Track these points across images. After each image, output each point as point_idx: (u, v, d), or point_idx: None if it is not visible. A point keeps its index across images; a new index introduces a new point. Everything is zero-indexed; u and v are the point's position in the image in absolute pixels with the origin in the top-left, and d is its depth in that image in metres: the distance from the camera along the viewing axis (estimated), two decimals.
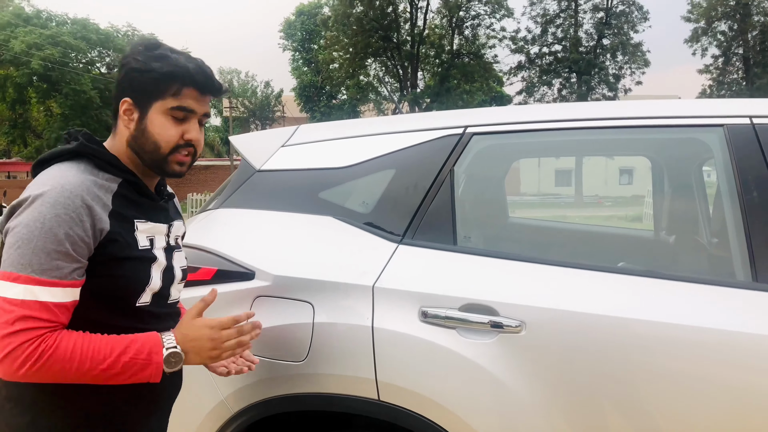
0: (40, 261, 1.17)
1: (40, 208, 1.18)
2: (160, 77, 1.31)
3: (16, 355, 1.14)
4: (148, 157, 1.35)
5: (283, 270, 1.79)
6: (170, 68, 1.31)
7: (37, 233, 1.17)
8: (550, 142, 2.12)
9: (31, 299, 1.16)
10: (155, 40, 1.40)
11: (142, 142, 1.33)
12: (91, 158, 1.31)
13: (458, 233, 1.82)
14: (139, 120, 1.33)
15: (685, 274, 1.71)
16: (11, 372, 1.15)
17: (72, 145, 1.31)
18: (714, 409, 1.51)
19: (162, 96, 1.32)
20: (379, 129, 2.01)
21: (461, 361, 1.62)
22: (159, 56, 1.32)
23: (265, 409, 1.77)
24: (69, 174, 1.25)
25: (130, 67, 1.32)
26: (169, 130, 1.33)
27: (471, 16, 33.94)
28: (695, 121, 1.80)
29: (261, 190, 1.98)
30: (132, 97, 1.33)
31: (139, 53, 1.33)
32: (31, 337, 1.15)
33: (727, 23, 32.75)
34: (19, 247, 1.16)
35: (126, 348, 1.23)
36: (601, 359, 1.57)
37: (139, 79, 1.32)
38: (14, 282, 1.16)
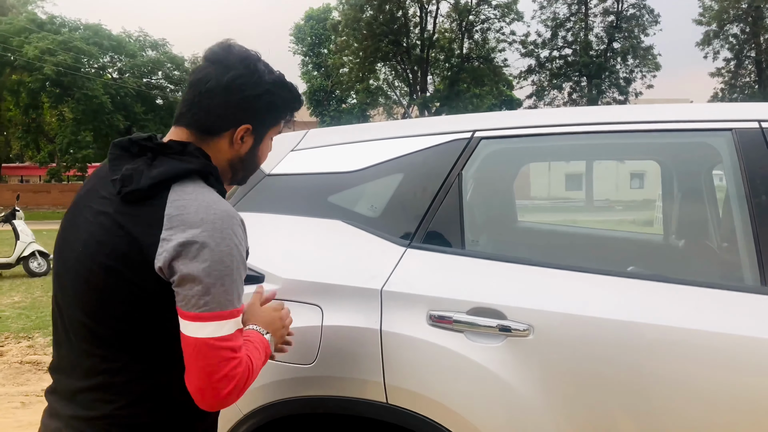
0: (239, 291, 1.19)
1: (225, 240, 1.16)
2: (285, 107, 1.37)
3: (243, 378, 1.17)
4: (245, 174, 1.42)
5: (292, 273, 1.80)
6: (295, 101, 1.38)
7: (236, 264, 1.17)
8: (558, 147, 2.12)
9: (238, 329, 1.19)
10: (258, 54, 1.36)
11: (249, 163, 1.38)
12: (207, 176, 1.25)
13: (466, 237, 1.82)
14: (253, 145, 1.36)
15: (694, 279, 1.70)
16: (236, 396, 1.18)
17: (194, 164, 1.23)
18: (724, 414, 1.51)
19: (278, 122, 1.39)
20: (388, 133, 2.02)
21: (469, 364, 1.62)
22: (284, 86, 1.35)
23: (274, 412, 1.78)
24: (215, 197, 1.22)
25: (268, 101, 1.31)
26: (269, 151, 1.43)
27: (481, 20, 34.00)
28: (704, 126, 1.79)
29: (270, 194, 2.00)
30: (254, 123, 1.32)
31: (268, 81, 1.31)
32: (246, 362, 1.19)
33: (739, 26, 32.57)
34: (222, 284, 1.14)
35: (256, 349, 1.28)
36: (609, 363, 1.57)
37: (271, 110, 1.34)
38: (227, 319, 1.15)
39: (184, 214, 1.15)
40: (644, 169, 29.87)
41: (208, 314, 1.13)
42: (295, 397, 1.75)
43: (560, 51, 33.78)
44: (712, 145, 1.90)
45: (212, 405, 1.17)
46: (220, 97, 1.27)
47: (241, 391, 1.18)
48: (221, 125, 1.29)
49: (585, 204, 24.88)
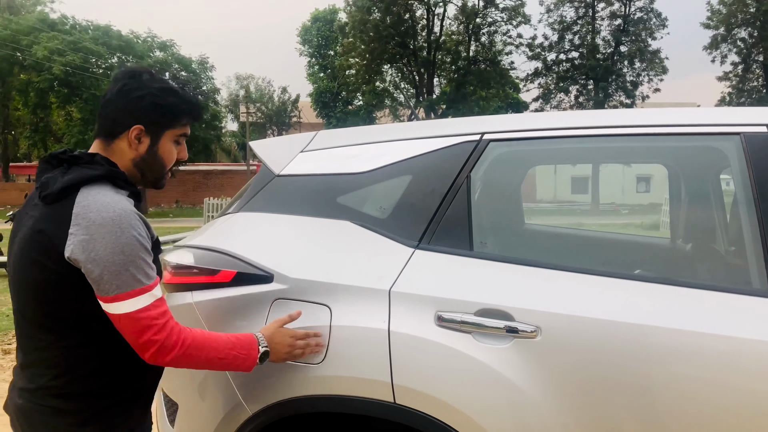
0: (145, 272, 1.41)
1: (125, 233, 1.38)
2: (174, 111, 1.54)
3: (168, 344, 1.40)
4: (152, 175, 1.59)
5: (302, 273, 1.82)
6: (183, 104, 1.55)
7: (136, 252, 1.39)
8: (566, 149, 2.12)
9: (155, 300, 1.41)
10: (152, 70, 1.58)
11: (151, 163, 1.56)
12: (113, 180, 1.47)
13: (474, 239, 1.83)
14: (150, 145, 1.54)
15: (702, 282, 1.71)
16: (163, 358, 1.41)
17: (99, 170, 1.45)
18: (730, 418, 1.51)
19: (173, 126, 1.56)
20: (397, 135, 2.03)
21: (477, 365, 1.63)
22: (172, 90, 1.53)
23: (282, 411, 1.79)
24: (116, 197, 1.43)
25: (150, 101, 1.50)
26: (173, 153, 1.60)
27: (488, 23, 33.96)
28: (712, 129, 1.80)
29: (280, 194, 2.01)
30: (145, 124, 1.51)
31: (153, 86, 1.51)
32: (170, 327, 1.42)
33: (747, 30, 32.46)
34: (127, 270, 1.37)
35: (234, 344, 1.54)
36: (616, 366, 1.58)
37: (156, 111, 1.51)
38: (139, 296, 1.38)
39: (87, 213, 1.37)
40: (651, 173, 29.80)
41: (121, 295, 1.37)
42: (303, 396, 1.76)
43: (567, 54, 33.71)
44: (721, 149, 1.91)
45: (147, 361, 1.42)
46: (113, 103, 1.51)
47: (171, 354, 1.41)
48: (117, 128, 1.51)
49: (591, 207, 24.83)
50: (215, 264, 1.89)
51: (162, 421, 2.14)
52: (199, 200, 33.30)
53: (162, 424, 2.13)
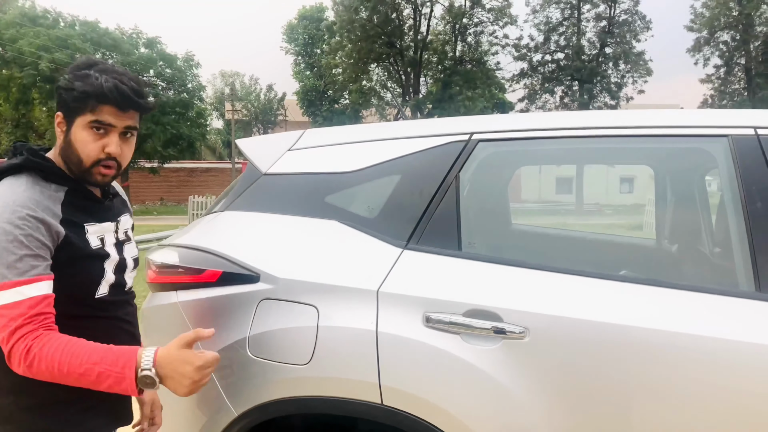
0: (16, 267, 1.32)
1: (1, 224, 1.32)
2: (78, 95, 1.43)
3: (14, 352, 1.30)
4: (74, 167, 1.48)
5: (288, 273, 1.80)
6: (86, 87, 1.42)
7: (6, 244, 1.31)
8: (555, 150, 2.12)
9: (22, 299, 1.31)
10: (91, 59, 1.50)
11: (68, 153, 1.47)
12: (37, 171, 1.43)
13: (463, 239, 1.82)
14: (65, 133, 1.47)
15: (688, 283, 1.71)
16: (14, 367, 1.32)
17: (18, 159, 1.42)
18: (716, 418, 1.52)
19: (82, 112, 1.44)
20: (386, 134, 2.02)
21: (465, 366, 1.63)
22: (82, 76, 1.44)
23: (268, 412, 1.77)
24: (18, 189, 1.38)
25: (58, 85, 1.46)
26: (89, 143, 1.45)
27: (474, 23, 34.04)
28: (700, 131, 1.81)
29: (267, 193, 1.99)
30: (62, 111, 1.46)
31: (68, 72, 1.46)
32: (21, 335, 1.30)
33: (730, 33, 32.82)
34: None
35: (101, 358, 1.33)
36: (604, 367, 1.58)
37: (64, 96, 1.45)
38: (2, 290, 1.30)
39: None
40: (634, 174, 30.02)
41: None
42: (289, 398, 1.74)
43: (553, 55, 33.88)
44: (708, 151, 1.92)
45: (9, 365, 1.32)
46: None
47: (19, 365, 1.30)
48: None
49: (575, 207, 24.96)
50: (201, 263, 1.87)
51: None
52: (183, 198, 33.06)
53: None
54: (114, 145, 1.47)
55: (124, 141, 1.50)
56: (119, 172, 1.52)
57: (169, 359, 1.37)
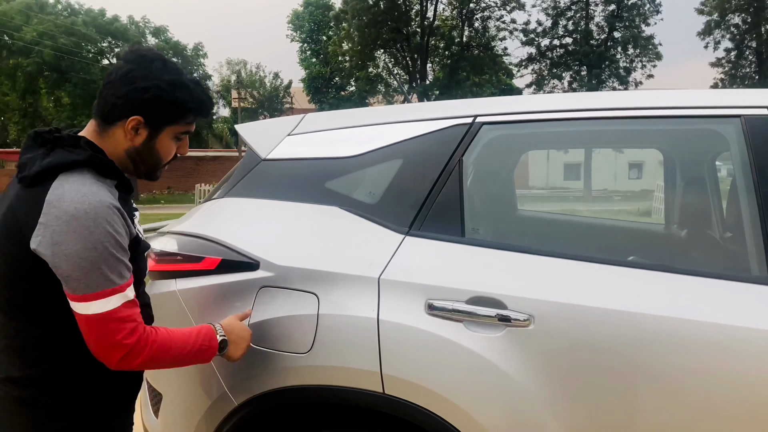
0: (119, 271, 1.32)
1: (98, 228, 1.28)
2: (180, 107, 1.42)
3: (138, 348, 1.33)
4: (146, 168, 1.48)
5: (288, 260, 1.76)
6: (193, 103, 1.43)
7: (110, 249, 1.29)
8: (562, 133, 2.07)
9: (126, 301, 1.33)
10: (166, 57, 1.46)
11: (146, 156, 1.45)
12: (98, 167, 1.37)
13: (466, 225, 1.78)
14: (148, 138, 1.43)
15: (698, 269, 1.67)
16: (131, 362, 1.33)
17: (81, 155, 1.35)
18: (727, 407, 1.48)
19: (175, 122, 1.44)
20: (387, 118, 1.97)
21: (468, 354, 1.59)
22: (182, 85, 1.41)
23: (268, 401, 1.74)
24: (94, 188, 1.32)
25: (154, 94, 1.38)
26: (172, 149, 1.49)
27: (481, 8, 33.76)
28: (711, 112, 1.75)
29: (266, 179, 1.95)
30: (144, 116, 1.40)
31: (161, 78, 1.39)
32: (141, 330, 1.34)
33: (741, 16, 32.40)
34: (98, 268, 1.28)
35: (196, 337, 1.47)
36: (610, 354, 1.54)
37: (160, 105, 1.40)
38: (110, 296, 1.30)
39: (60, 202, 1.27)
40: (643, 159, 29.81)
41: (90, 295, 1.28)
42: (289, 387, 1.72)
43: (561, 40, 33.56)
44: (720, 133, 1.86)
45: (113, 367, 1.34)
46: (116, 87, 1.38)
47: (140, 357, 1.33)
48: (115, 114, 1.39)
49: (583, 194, 24.85)
50: (200, 251, 1.84)
51: (146, 412, 2.09)
52: (190, 186, 33.13)
53: (146, 415, 2.09)
54: (187, 147, 1.54)
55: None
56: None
57: (232, 327, 1.59)
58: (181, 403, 1.89)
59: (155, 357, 1.37)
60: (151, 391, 2.05)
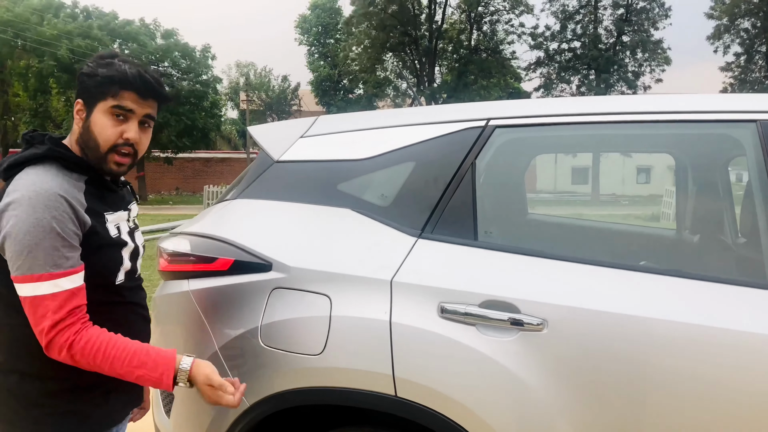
0: (53, 258, 1.33)
1: (36, 213, 1.32)
2: (102, 80, 1.45)
3: (57, 342, 1.33)
4: (91, 154, 1.48)
5: (301, 262, 1.77)
6: (111, 73, 1.45)
7: (42, 235, 1.32)
8: (575, 137, 2.06)
9: (58, 290, 1.33)
10: (114, 52, 1.55)
11: (86, 139, 1.48)
12: (60, 160, 1.44)
13: (479, 228, 1.78)
14: (85, 119, 1.48)
15: (710, 274, 1.66)
16: (55, 355, 1.35)
17: (40, 149, 1.42)
18: (738, 414, 1.47)
19: (104, 97, 1.46)
20: (400, 120, 1.97)
21: (481, 358, 1.59)
22: (106, 63, 1.47)
23: (280, 403, 1.75)
24: (47, 178, 1.38)
25: (81, 72, 1.48)
26: (108, 128, 1.47)
27: (490, 12, 33.73)
28: (727, 117, 1.74)
29: (279, 181, 1.96)
30: (83, 98, 1.48)
31: (92, 60, 1.49)
32: (64, 326, 1.34)
33: (751, 20, 32.23)
34: (30, 251, 1.32)
35: (141, 363, 1.39)
36: (623, 359, 1.53)
37: (87, 83, 1.46)
38: (39, 282, 1.32)
39: (13, 191, 1.35)
40: (651, 164, 29.68)
41: (21, 277, 1.32)
42: (301, 388, 1.72)
43: (569, 43, 33.48)
44: (735, 137, 1.85)
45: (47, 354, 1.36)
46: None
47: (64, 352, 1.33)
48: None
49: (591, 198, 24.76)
50: (212, 252, 1.84)
51: (158, 412, 2.10)
52: (199, 187, 33.24)
53: (157, 415, 2.09)
54: (133, 132, 1.49)
55: (142, 130, 1.53)
56: (135, 161, 1.53)
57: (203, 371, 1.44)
58: (193, 403, 1.89)
59: (77, 359, 1.35)
60: (162, 391, 2.05)
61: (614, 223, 3.69)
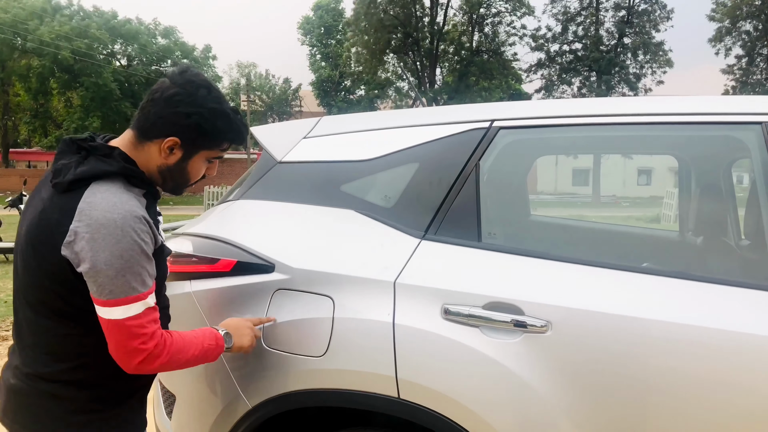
0: (143, 279, 1.36)
1: (126, 236, 1.32)
2: (220, 137, 1.48)
3: (156, 352, 1.37)
4: (174, 184, 1.53)
5: (304, 263, 1.76)
6: (231, 134, 1.50)
7: (135, 258, 1.33)
8: (579, 138, 2.06)
9: (147, 308, 1.37)
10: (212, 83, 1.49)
11: (176, 175, 1.51)
12: (129, 177, 1.42)
13: (483, 229, 1.77)
14: (181, 159, 1.48)
15: (717, 276, 1.65)
16: (148, 366, 1.38)
17: (113, 166, 1.39)
18: (743, 416, 1.46)
19: (212, 148, 1.50)
20: (403, 122, 1.97)
21: (484, 360, 1.58)
22: (223, 115, 1.47)
23: (283, 404, 1.74)
24: (124, 198, 1.37)
25: (195, 121, 1.43)
26: (202, 171, 1.55)
27: (492, 14, 33.73)
28: (732, 118, 1.73)
29: (282, 181, 1.95)
30: (182, 139, 1.45)
31: (204, 106, 1.44)
32: (159, 336, 1.39)
33: (752, 23, 32.22)
34: (123, 275, 1.32)
35: (203, 337, 1.52)
36: (627, 361, 1.53)
37: (199, 132, 1.45)
38: (133, 303, 1.34)
39: (91, 210, 1.32)
40: (652, 166, 29.67)
41: (113, 300, 1.32)
42: (303, 390, 1.71)
43: (570, 45, 33.48)
44: (740, 139, 1.84)
45: (130, 370, 1.38)
46: (159, 106, 1.43)
47: (157, 361, 1.38)
48: (154, 132, 1.44)
49: (592, 199, 24.75)
50: (215, 252, 1.84)
51: (159, 413, 2.09)
52: (199, 188, 33.21)
53: (159, 417, 2.09)
54: (214, 170, 1.59)
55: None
56: None
57: (228, 322, 1.65)
58: (195, 404, 1.89)
59: (171, 360, 1.41)
60: (164, 392, 2.05)
61: (617, 224, 3.68)
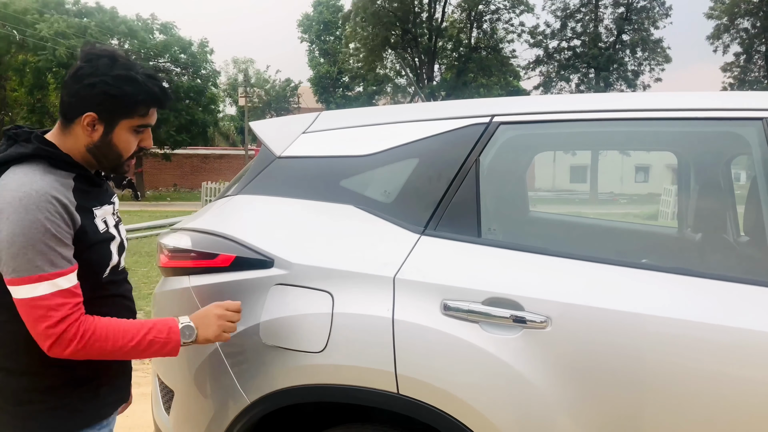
0: (50, 259, 1.33)
1: (29, 215, 1.31)
2: (132, 102, 1.45)
3: (66, 337, 1.33)
4: (108, 162, 1.51)
5: (303, 258, 1.76)
6: (143, 95, 1.46)
7: (37, 236, 1.31)
8: (579, 134, 2.05)
9: (57, 290, 1.33)
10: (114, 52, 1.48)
11: (105, 151, 1.48)
12: (47, 159, 1.41)
13: (482, 225, 1.77)
14: (104, 133, 1.46)
15: (716, 272, 1.65)
16: (60, 352, 1.34)
17: (28, 148, 1.40)
18: (744, 412, 1.46)
19: (130, 116, 1.47)
20: (403, 117, 1.96)
21: (483, 355, 1.58)
22: (129, 79, 1.44)
23: (282, 400, 1.74)
24: (36, 177, 1.36)
25: (101, 89, 1.41)
26: (132, 143, 1.51)
27: (490, 11, 33.68)
28: (732, 114, 1.73)
29: (281, 177, 1.94)
30: (98, 112, 1.43)
31: (108, 74, 1.42)
32: (71, 321, 1.34)
33: (750, 20, 32.22)
34: (26, 253, 1.30)
35: (150, 329, 1.45)
36: (627, 357, 1.53)
37: (110, 101, 1.43)
38: (37, 283, 1.31)
39: (2, 191, 1.33)
40: (650, 163, 29.70)
41: (18, 279, 1.31)
42: (303, 386, 1.71)
43: (569, 42, 33.42)
44: (740, 135, 1.84)
45: (51, 355, 1.35)
46: (68, 86, 1.44)
47: (69, 347, 1.34)
48: (72, 112, 1.45)
49: (589, 196, 24.78)
50: (214, 248, 1.83)
51: (157, 408, 2.08)
52: (196, 184, 33.19)
53: (157, 412, 2.08)
54: (150, 139, 1.57)
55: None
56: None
57: (200, 312, 1.58)
58: (193, 400, 1.88)
59: (88, 348, 1.37)
60: (162, 387, 2.04)
61: (616, 221, 3.69)
